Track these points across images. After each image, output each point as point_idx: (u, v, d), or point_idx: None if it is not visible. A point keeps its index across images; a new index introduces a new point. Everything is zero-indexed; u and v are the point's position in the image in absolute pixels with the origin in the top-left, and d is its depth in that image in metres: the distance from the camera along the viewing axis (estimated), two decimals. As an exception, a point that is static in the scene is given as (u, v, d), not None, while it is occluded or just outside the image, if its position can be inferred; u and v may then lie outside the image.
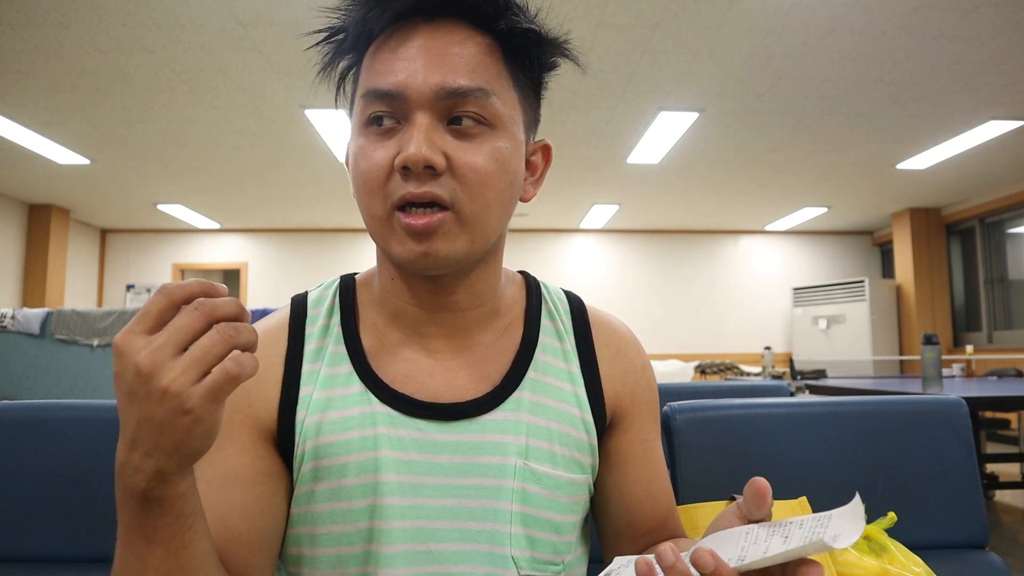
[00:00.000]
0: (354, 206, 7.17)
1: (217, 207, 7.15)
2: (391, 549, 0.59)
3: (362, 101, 0.60)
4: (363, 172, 0.59)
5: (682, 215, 7.60)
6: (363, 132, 0.60)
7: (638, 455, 0.70)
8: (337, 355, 0.65)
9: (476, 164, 0.58)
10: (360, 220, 8.04)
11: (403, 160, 0.56)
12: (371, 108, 0.59)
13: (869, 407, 0.95)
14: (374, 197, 0.59)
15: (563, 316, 0.72)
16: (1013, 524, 3.68)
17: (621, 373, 0.71)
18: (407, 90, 0.57)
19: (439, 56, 0.58)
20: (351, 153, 0.62)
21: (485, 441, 0.63)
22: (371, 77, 0.59)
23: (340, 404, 0.62)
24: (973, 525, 0.91)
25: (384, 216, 0.59)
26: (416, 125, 0.57)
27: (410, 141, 0.56)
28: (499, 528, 0.61)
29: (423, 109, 0.57)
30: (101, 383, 3.72)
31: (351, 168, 0.62)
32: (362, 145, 0.59)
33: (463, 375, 0.65)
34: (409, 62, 0.58)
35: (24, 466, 0.87)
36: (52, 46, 3.44)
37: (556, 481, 0.64)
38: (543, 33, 0.63)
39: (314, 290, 0.71)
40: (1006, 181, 6.18)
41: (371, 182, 0.58)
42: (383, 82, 0.58)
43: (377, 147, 0.58)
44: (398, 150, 0.57)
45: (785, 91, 4.10)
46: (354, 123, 0.62)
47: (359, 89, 0.61)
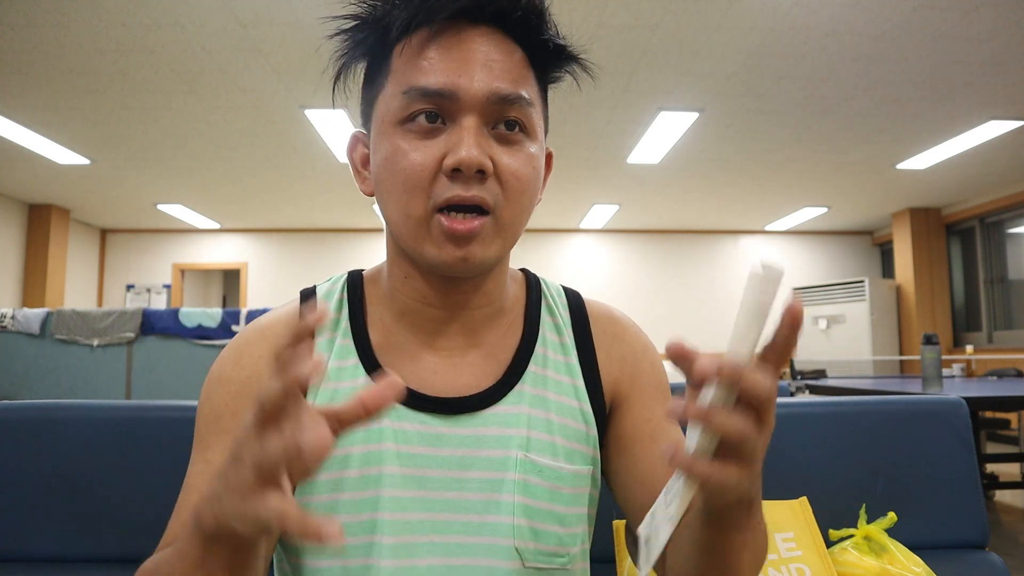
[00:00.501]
0: (354, 206, 7.21)
1: (217, 207, 7.15)
2: (394, 540, 0.60)
3: (404, 98, 0.58)
4: (404, 171, 0.58)
5: (682, 215, 7.60)
6: (398, 130, 0.59)
7: (645, 434, 0.69)
8: (344, 348, 0.66)
9: (519, 170, 0.59)
10: (360, 220, 8.11)
11: (457, 161, 0.56)
12: (415, 105, 0.58)
13: (869, 407, 0.95)
14: (415, 197, 0.58)
15: (562, 310, 0.73)
16: (1013, 524, 3.68)
17: (619, 357, 0.71)
18: (459, 91, 0.57)
19: (489, 61, 0.59)
20: (385, 152, 0.60)
21: (488, 434, 0.63)
22: (415, 74, 0.58)
23: (345, 396, 0.63)
24: (973, 525, 0.91)
25: (423, 217, 0.58)
26: (466, 128, 0.57)
27: (461, 144, 0.56)
28: (502, 520, 0.61)
29: (473, 112, 0.58)
30: (101, 383, 3.72)
31: (384, 166, 0.60)
32: (400, 144, 0.58)
33: (467, 371, 0.66)
34: (461, 64, 0.58)
35: (24, 466, 0.87)
36: (52, 46, 3.44)
37: (557, 473, 0.64)
38: (568, 49, 0.65)
39: (323, 284, 0.72)
40: (1006, 181, 6.18)
41: (413, 181, 0.58)
42: (432, 80, 0.57)
43: (419, 146, 0.58)
44: (444, 151, 0.57)
45: (785, 91, 4.10)
46: (384, 119, 0.60)
47: (392, 85, 0.60)
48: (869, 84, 3.98)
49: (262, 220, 7.84)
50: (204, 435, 0.63)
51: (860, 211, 7.40)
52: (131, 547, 0.86)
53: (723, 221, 7.92)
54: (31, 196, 6.68)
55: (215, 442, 0.62)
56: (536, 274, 0.76)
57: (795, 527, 0.84)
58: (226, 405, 0.63)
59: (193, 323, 3.75)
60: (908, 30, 3.34)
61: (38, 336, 3.76)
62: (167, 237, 8.35)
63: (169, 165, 5.58)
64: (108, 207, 7.15)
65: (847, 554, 0.81)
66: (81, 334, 3.75)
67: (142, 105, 4.24)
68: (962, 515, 0.91)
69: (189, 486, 0.62)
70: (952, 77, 3.88)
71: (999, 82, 3.95)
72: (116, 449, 0.88)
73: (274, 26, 3.25)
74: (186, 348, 3.75)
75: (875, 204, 7.07)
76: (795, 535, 0.83)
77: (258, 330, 0.66)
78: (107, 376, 3.73)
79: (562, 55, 0.64)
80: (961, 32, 3.36)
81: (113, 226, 8.20)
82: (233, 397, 0.63)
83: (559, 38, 0.63)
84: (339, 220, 7.81)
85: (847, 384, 3.65)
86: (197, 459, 0.62)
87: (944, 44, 3.48)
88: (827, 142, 5.05)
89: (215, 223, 7.94)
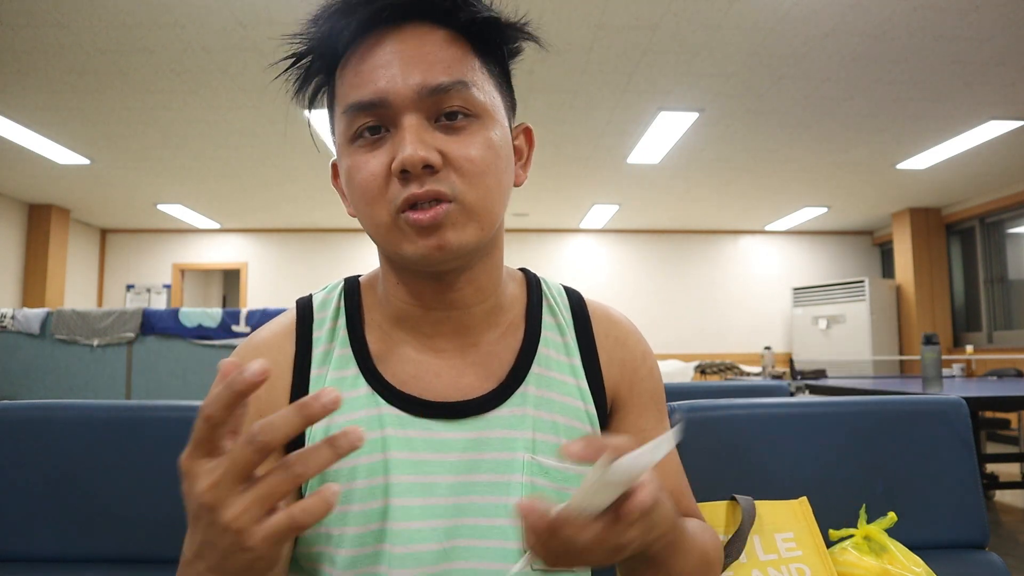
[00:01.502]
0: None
1: (217, 207, 7.15)
2: (404, 549, 0.59)
3: (345, 117, 0.59)
4: (361, 184, 0.59)
5: (682, 215, 7.60)
6: (350, 147, 0.60)
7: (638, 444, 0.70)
8: (343, 358, 0.65)
9: (471, 155, 0.58)
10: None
11: (400, 163, 0.56)
12: (357, 122, 0.59)
13: (869, 407, 0.95)
14: (376, 205, 0.59)
15: (563, 310, 0.73)
16: (1013, 524, 3.68)
17: (620, 362, 0.71)
18: (389, 95, 0.57)
19: (413, 57, 0.58)
20: (345, 171, 0.61)
21: (493, 437, 0.63)
22: (349, 91, 0.59)
23: (347, 407, 0.63)
24: (973, 525, 0.91)
25: (390, 221, 0.58)
26: (406, 128, 0.57)
27: (403, 144, 0.56)
28: (511, 523, 0.61)
29: (409, 111, 0.57)
30: (101, 383, 3.72)
31: (347, 185, 0.62)
32: (354, 160, 0.59)
33: (469, 373, 0.66)
34: (385, 68, 0.58)
35: (24, 466, 0.87)
36: (52, 46, 3.44)
37: (564, 474, 0.64)
38: (503, 19, 0.63)
39: (319, 293, 0.71)
40: (1006, 181, 6.18)
41: (371, 192, 0.58)
42: (363, 93, 0.58)
43: (369, 158, 0.58)
44: (392, 156, 0.57)
45: (785, 91, 4.10)
46: (339, 141, 0.62)
47: (338, 107, 0.61)
48: (869, 84, 3.98)
49: (262, 220, 7.84)
50: None
51: (860, 211, 7.40)
52: (131, 547, 0.86)
53: (723, 221, 7.92)
54: (31, 196, 6.68)
55: None
56: (536, 274, 0.76)
57: (795, 527, 0.84)
58: None
59: (193, 323, 3.75)
60: (908, 30, 3.34)
61: (38, 336, 3.76)
62: (167, 237, 8.35)
63: (169, 165, 5.58)
64: (108, 207, 7.15)
65: (847, 554, 0.81)
66: (81, 334, 3.75)
67: (142, 105, 4.24)
68: (962, 515, 0.91)
69: None
70: (952, 77, 3.88)
71: (999, 82, 3.95)
72: (116, 449, 0.88)
73: (274, 26, 3.25)
74: (186, 348, 3.75)
75: (875, 204, 7.07)
76: (795, 535, 0.83)
77: (253, 347, 0.66)
78: (107, 376, 3.73)
79: (496, 27, 0.62)
80: (961, 32, 3.36)
81: (113, 226, 8.20)
82: None
83: (486, 11, 0.61)
84: (339, 220, 7.81)
85: (847, 384, 3.65)
86: None
87: (944, 44, 3.48)
88: (827, 142, 5.05)
89: (215, 223, 7.95)
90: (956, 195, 6.72)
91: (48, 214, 6.95)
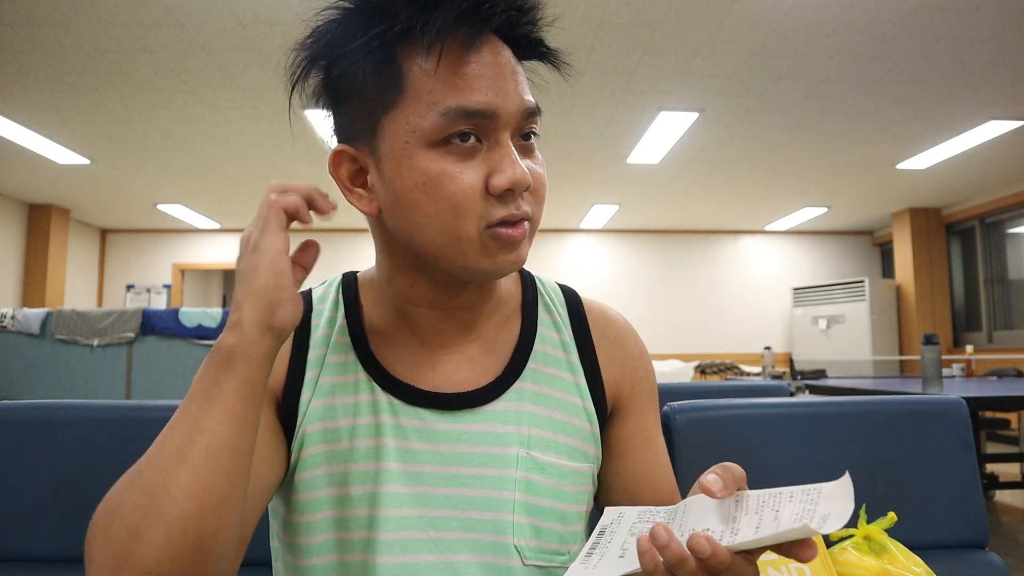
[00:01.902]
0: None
1: (217, 207, 7.15)
2: (392, 536, 0.60)
3: (441, 118, 0.54)
4: (453, 195, 0.55)
5: (682, 215, 7.60)
6: (435, 151, 0.55)
7: (639, 444, 0.71)
8: (341, 344, 0.66)
9: (542, 177, 0.61)
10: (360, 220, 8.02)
11: (511, 183, 0.56)
12: (455, 126, 0.55)
13: (869, 407, 0.95)
14: (467, 219, 0.56)
15: (559, 308, 0.73)
16: (1013, 524, 3.68)
17: (620, 362, 0.72)
18: (500, 110, 0.56)
19: (512, 73, 0.58)
20: (422, 174, 0.56)
21: (486, 431, 0.63)
22: (452, 92, 0.55)
23: (342, 391, 0.64)
24: (973, 525, 0.91)
25: (475, 235, 0.57)
26: (507, 146, 0.57)
27: (507, 163, 0.56)
28: (502, 517, 0.61)
29: (509, 129, 0.57)
30: (101, 383, 3.72)
31: (418, 189, 0.56)
32: (443, 167, 0.55)
33: (465, 367, 0.66)
34: (493, 79, 0.56)
35: (24, 466, 0.87)
36: (52, 46, 3.44)
37: (560, 470, 0.64)
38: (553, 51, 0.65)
39: (317, 287, 0.72)
40: (1006, 181, 6.18)
41: (465, 204, 0.56)
42: (471, 100, 0.55)
43: (464, 168, 0.56)
44: (487, 171, 0.56)
45: (785, 91, 4.10)
46: (407, 139, 0.56)
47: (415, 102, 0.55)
48: (869, 84, 3.98)
49: (262, 220, 7.83)
50: None
51: (860, 211, 7.40)
52: (131, 547, 0.86)
53: (723, 221, 7.92)
54: (31, 196, 6.68)
55: None
56: (530, 272, 0.76)
57: (795, 527, 0.84)
58: None
59: (193, 323, 3.75)
60: (908, 30, 3.34)
61: (38, 336, 3.76)
62: (167, 237, 8.35)
63: (169, 165, 5.57)
64: (108, 207, 7.15)
65: (847, 554, 0.81)
66: (81, 334, 3.75)
67: (142, 105, 4.24)
68: (962, 515, 0.91)
69: None
70: (952, 77, 3.88)
71: (999, 82, 3.95)
72: (116, 449, 0.88)
73: (274, 26, 3.25)
74: (186, 348, 3.75)
75: (875, 204, 7.07)
76: (795, 535, 0.83)
77: None
78: (107, 376, 3.73)
79: (551, 58, 0.64)
80: (961, 32, 3.36)
81: (113, 226, 8.20)
82: None
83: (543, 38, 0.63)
84: (340, 220, 7.81)
85: (847, 384, 3.65)
86: None
87: (944, 44, 3.48)
88: (827, 142, 5.05)
89: (215, 223, 7.94)
90: (956, 195, 6.72)
91: (48, 214, 6.94)
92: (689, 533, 0.46)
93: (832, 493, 0.44)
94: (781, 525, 0.44)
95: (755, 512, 0.46)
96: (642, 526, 0.53)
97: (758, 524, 0.45)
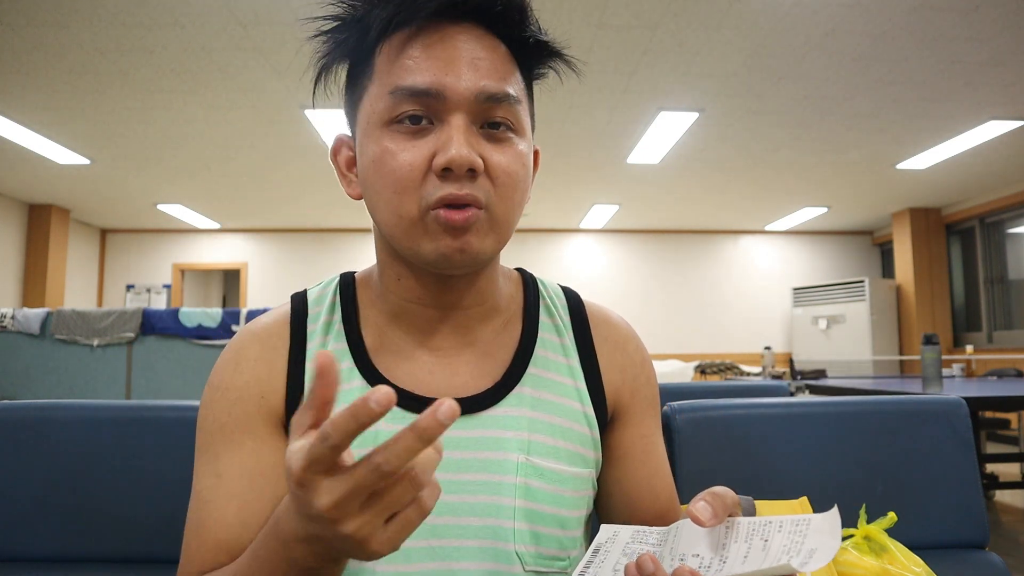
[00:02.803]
0: (354, 206, 7.22)
1: (217, 207, 7.15)
2: None
3: (390, 98, 0.57)
4: (393, 172, 0.57)
5: (682, 215, 7.60)
6: (385, 131, 0.58)
7: (639, 450, 0.70)
8: (338, 351, 0.65)
9: (509, 167, 0.59)
10: (360, 220, 8.11)
11: (447, 161, 0.55)
12: (402, 106, 0.57)
13: (869, 407, 0.95)
14: (407, 197, 0.57)
15: (561, 311, 0.72)
16: (1013, 524, 3.68)
17: (620, 368, 0.71)
18: (446, 90, 0.57)
19: (476, 59, 0.58)
20: (372, 153, 0.59)
21: (486, 437, 0.63)
22: (401, 73, 0.57)
23: (342, 400, 0.63)
24: (973, 525, 0.91)
25: (417, 216, 0.58)
26: (455, 127, 0.57)
27: (451, 143, 0.56)
28: (502, 524, 0.61)
29: (461, 110, 0.57)
30: (101, 383, 3.72)
31: (372, 168, 0.59)
32: (388, 145, 0.58)
33: (464, 372, 0.66)
34: (447, 63, 0.57)
35: (24, 466, 0.87)
36: (52, 46, 3.44)
37: (560, 476, 0.64)
38: (554, 45, 0.64)
39: (313, 288, 0.71)
40: (1006, 181, 6.18)
41: (404, 182, 0.57)
42: (418, 80, 0.57)
43: (408, 147, 0.57)
44: (433, 151, 0.57)
45: (785, 91, 4.10)
46: (370, 120, 0.59)
47: (377, 84, 0.59)
48: (869, 84, 3.98)
49: (262, 220, 7.84)
50: (210, 445, 0.62)
51: (860, 211, 7.40)
52: (131, 547, 0.86)
53: (723, 221, 7.92)
54: (31, 196, 6.68)
55: (224, 452, 0.61)
56: (533, 274, 0.75)
57: (795, 527, 0.84)
58: (228, 413, 0.62)
59: (193, 323, 3.75)
60: (908, 30, 3.34)
61: (38, 336, 3.76)
62: (167, 237, 8.35)
63: (169, 165, 5.58)
64: (108, 207, 7.15)
65: (847, 554, 0.81)
66: (81, 334, 3.75)
67: (142, 105, 4.24)
68: (962, 515, 0.91)
69: (202, 501, 0.60)
70: (952, 77, 3.88)
71: (999, 82, 3.95)
72: (116, 449, 0.88)
73: (274, 26, 3.26)
74: (186, 348, 3.75)
75: (875, 204, 7.07)
76: (795, 535, 0.83)
77: (253, 333, 0.66)
78: (107, 376, 3.73)
79: (545, 51, 0.64)
80: (961, 32, 3.36)
81: (113, 226, 8.20)
82: (233, 404, 0.62)
83: (541, 33, 0.62)
84: (339, 220, 7.81)
85: (847, 384, 3.65)
86: (206, 471, 0.61)
87: (944, 44, 3.48)
88: (827, 142, 5.05)
89: (215, 223, 7.95)
90: (956, 195, 6.72)
91: (48, 214, 6.94)
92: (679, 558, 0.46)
93: (820, 527, 0.44)
94: (768, 558, 0.43)
95: (744, 540, 0.46)
96: (635, 547, 0.53)
97: (746, 553, 0.45)
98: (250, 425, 0.61)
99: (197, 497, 0.61)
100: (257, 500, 0.60)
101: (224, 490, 0.59)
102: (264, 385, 0.63)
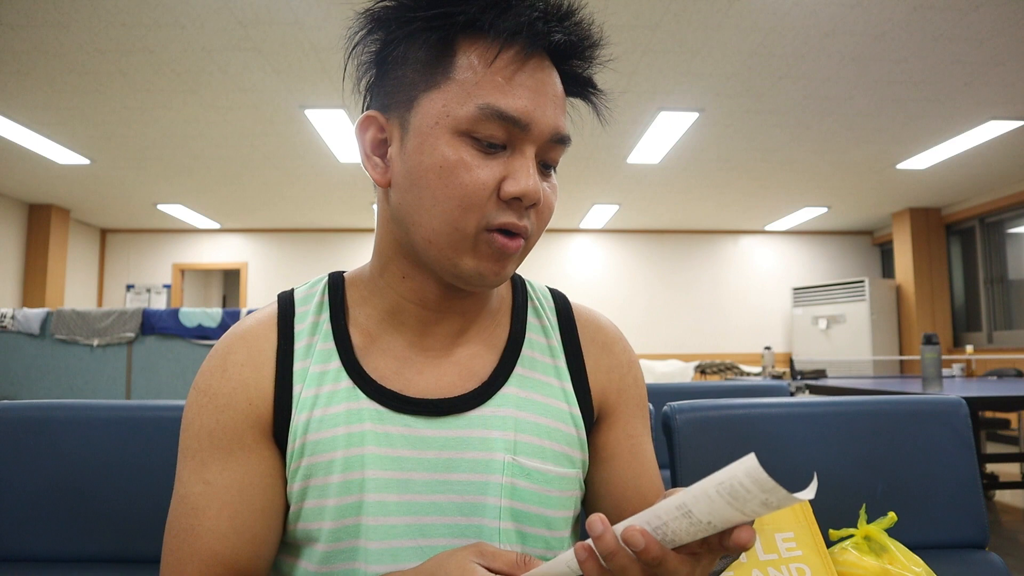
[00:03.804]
0: (353, 206, 7.22)
1: (217, 207, 7.15)
2: (380, 545, 0.59)
3: (477, 111, 0.56)
4: (465, 186, 0.56)
5: (682, 215, 7.60)
6: (459, 139, 0.57)
7: (625, 450, 0.71)
8: (326, 352, 0.65)
9: (551, 204, 0.62)
10: (360, 220, 8.12)
11: (520, 192, 0.57)
12: (489, 126, 0.56)
13: (869, 407, 0.95)
14: (470, 214, 0.57)
15: (548, 313, 0.73)
16: (1013, 524, 3.68)
17: (607, 369, 0.71)
18: (533, 124, 0.57)
19: (554, 96, 0.60)
20: (440, 157, 0.57)
21: (472, 436, 0.63)
22: (494, 92, 0.56)
23: (327, 401, 0.63)
24: (973, 525, 0.91)
25: (472, 233, 0.58)
26: (529, 159, 0.58)
27: (525, 175, 0.57)
28: (488, 523, 0.61)
29: (536, 144, 0.58)
30: (101, 383, 3.72)
31: (430, 169, 0.57)
32: (464, 157, 0.57)
33: (451, 372, 0.66)
34: (537, 94, 0.58)
35: (24, 466, 0.87)
36: (52, 46, 3.44)
37: (546, 476, 0.64)
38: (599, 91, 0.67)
39: (301, 288, 0.70)
40: (1006, 181, 6.18)
41: (472, 199, 0.57)
42: (511, 105, 0.56)
43: (483, 164, 0.57)
44: (503, 174, 0.57)
45: (785, 91, 4.10)
46: (438, 120, 0.57)
47: (458, 89, 0.57)
48: (869, 84, 3.98)
49: (262, 220, 7.84)
50: (197, 451, 0.61)
51: (860, 211, 7.40)
52: (131, 547, 0.86)
53: (723, 221, 7.92)
54: (31, 196, 6.68)
55: (212, 460, 0.60)
56: (521, 276, 0.76)
57: (795, 527, 0.84)
58: (216, 420, 0.61)
59: (193, 323, 3.75)
60: (908, 30, 3.34)
61: (38, 336, 3.76)
62: (167, 237, 8.35)
63: (169, 165, 5.58)
64: (108, 207, 7.15)
65: (847, 554, 0.81)
66: (81, 334, 3.75)
67: (142, 105, 4.24)
68: (962, 515, 0.91)
69: (189, 507, 0.60)
70: (952, 77, 3.88)
71: (999, 82, 3.95)
72: (116, 449, 0.88)
73: (274, 26, 3.26)
74: (186, 348, 3.75)
75: (875, 204, 7.07)
76: (795, 535, 0.83)
77: (239, 336, 0.65)
78: (107, 376, 3.73)
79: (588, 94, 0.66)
80: (961, 32, 3.36)
81: (113, 226, 8.20)
82: (221, 410, 0.62)
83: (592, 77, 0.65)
84: (339, 220, 7.81)
85: (847, 384, 3.65)
86: (193, 478, 0.61)
87: (944, 44, 3.48)
88: (827, 142, 5.05)
89: (215, 223, 7.95)
90: (956, 195, 6.72)
91: (48, 214, 6.95)
92: None
93: None
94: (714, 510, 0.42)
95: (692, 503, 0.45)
96: None
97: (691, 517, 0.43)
98: (239, 433, 0.61)
99: (183, 502, 0.60)
100: (248, 510, 0.60)
101: (216, 499, 0.59)
102: (251, 390, 0.62)
